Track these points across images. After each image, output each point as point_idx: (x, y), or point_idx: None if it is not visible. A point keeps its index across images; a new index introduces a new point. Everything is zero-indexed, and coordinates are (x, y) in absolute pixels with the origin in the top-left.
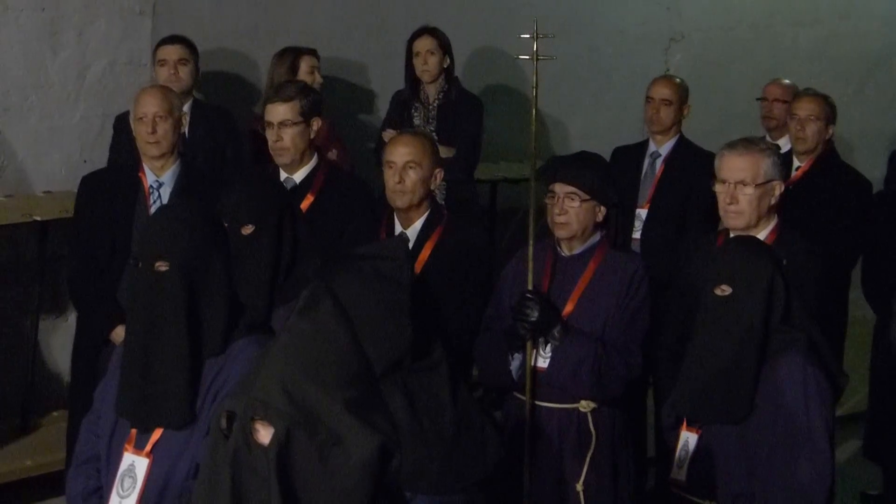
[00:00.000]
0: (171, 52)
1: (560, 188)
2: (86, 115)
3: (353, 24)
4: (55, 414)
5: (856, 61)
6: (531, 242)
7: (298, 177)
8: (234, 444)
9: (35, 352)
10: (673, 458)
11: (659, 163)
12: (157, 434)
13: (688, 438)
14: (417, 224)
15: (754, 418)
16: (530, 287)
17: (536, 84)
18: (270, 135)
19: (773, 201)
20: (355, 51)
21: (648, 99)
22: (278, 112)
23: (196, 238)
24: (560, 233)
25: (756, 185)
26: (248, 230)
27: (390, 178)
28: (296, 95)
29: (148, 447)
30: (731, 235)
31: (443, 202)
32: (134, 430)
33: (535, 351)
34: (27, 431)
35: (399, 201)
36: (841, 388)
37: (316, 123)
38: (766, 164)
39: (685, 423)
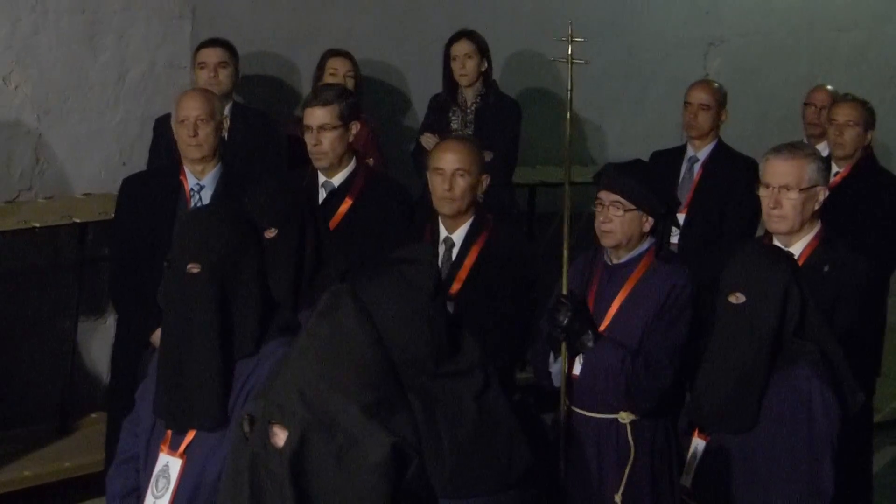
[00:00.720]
0: (211, 55)
1: (606, 196)
2: (125, 118)
3: (392, 27)
4: (93, 416)
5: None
6: (566, 247)
7: (337, 180)
8: (253, 448)
9: (74, 354)
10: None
11: (697, 167)
12: (190, 435)
13: (697, 445)
14: (463, 229)
15: (759, 429)
16: (564, 291)
17: (571, 87)
18: (309, 138)
19: (816, 206)
20: (393, 54)
21: (687, 103)
22: (317, 116)
23: (228, 241)
24: (605, 241)
25: (800, 190)
26: (270, 234)
27: (439, 185)
28: (335, 99)
29: (181, 448)
30: (774, 241)
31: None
32: (170, 431)
33: (570, 357)
34: (66, 433)
35: (447, 208)
36: (854, 405)
37: (354, 127)
38: (810, 170)
39: (697, 430)
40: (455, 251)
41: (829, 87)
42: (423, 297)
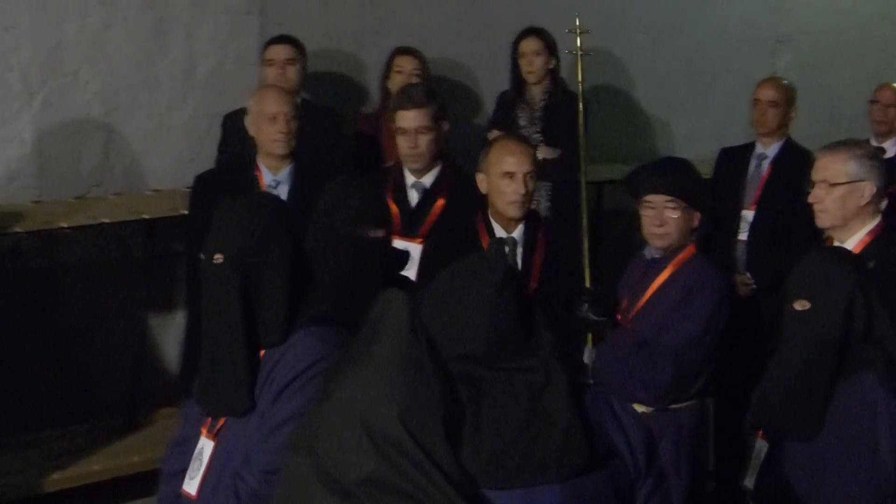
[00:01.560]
0: (279, 52)
1: (657, 199)
2: (193, 114)
3: (460, 24)
4: (163, 411)
5: None
6: (586, 241)
7: (427, 180)
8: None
9: (143, 349)
10: (747, 465)
11: (766, 165)
12: (223, 420)
13: (761, 448)
14: (520, 229)
15: (822, 437)
16: (587, 284)
17: (582, 80)
18: (406, 141)
19: (862, 202)
20: (461, 51)
21: (756, 101)
22: (413, 118)
23: (251, 231)
24: (658, 242)
25: (837, 185)
26: (376, 234)
27: (514, 189)
28: (427, 101)
29: (215, 431)
30: (835, 241)
31: (549, 203)
32: None
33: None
34: (135, 428)
35: (520, 212)
36: None
37: (444, 126)
38: (851, 165)
39: (760, 432)
40: (519, 251)
41: (894, 85)
42: (488, 289)
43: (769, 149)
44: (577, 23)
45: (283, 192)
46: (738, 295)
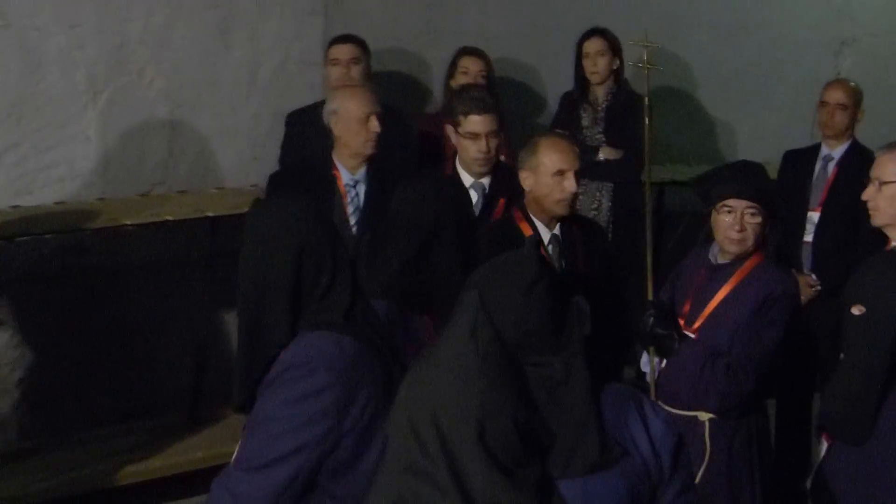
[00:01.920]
0: (344, 52)
1: (738, 203)
2: (257, 113)
3: (524, 24)
4: (224, 407)
5: None
6: (649, 252)
7: (486, 181)
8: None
9: (205, 346)
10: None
11: (832, 167)
12: None
13: (823, 448)
14: (557, 228)
15: (874, 442)
16: (650, 297)
17: (648, 93)
18: (478, 145)
19: None
20: (525, 51)
21: (823, 103)
22: (486, 123)
23: (257, 237)
24: (735, 248)
25: (889, 182)
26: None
27: (565, 187)
28: (494, 104)
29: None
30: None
31: (610, 204)
32: None
33: (659, 356)
34: (197, 424)
35: (569, 209)
36: None
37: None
38: None
39: (825, 434)
40: (558, 250)
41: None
42: (519, 288)
43: (835, 150)
44: (646, 36)
45: (361, 192)
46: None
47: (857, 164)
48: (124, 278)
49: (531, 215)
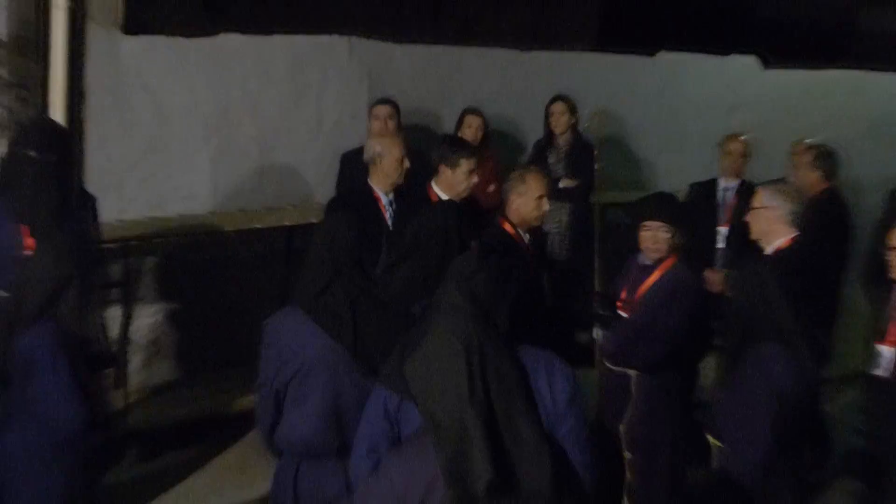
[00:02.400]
0: (382, 110)
1: (654, 223)
2: (321, 152)
3: (509, 91)
4: None
5: None
6: (597, 254)
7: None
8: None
9: None
10: None
11: (730, 195)
12: None
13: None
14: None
15: (733, 389)
16: (597, 288)
17: (598, 146)
18: (470, 180)
19: (773, 221)
20: (510, 110)
21: (727, 151)
22: (474, 164)
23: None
24: (653, 255)
25: (757, 209)
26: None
27: (544, 205)
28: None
29: None
30: None
31: (569, 219)
32: None
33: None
34: None
35: (541, 222)
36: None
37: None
38: (768, 194)
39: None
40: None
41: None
42: (466, 275)
43: (731, 183)
44: (596, 112)
45: (392, 209)
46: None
47: (748, 194)
48: (227, 268)
49: (514, 225)
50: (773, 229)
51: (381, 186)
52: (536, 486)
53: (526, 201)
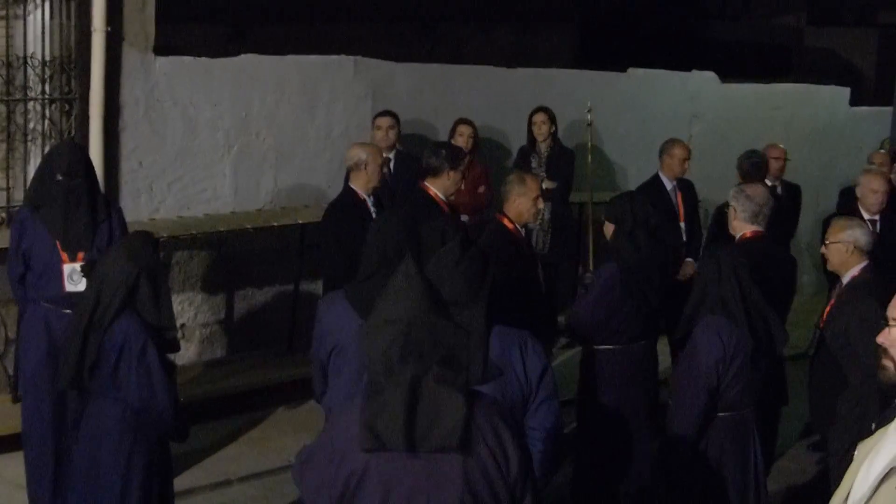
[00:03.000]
0: (384, 121)
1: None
2: (330, 159)
3: (497, 104)
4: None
5: None
6: (591, 243)
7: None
8: None
9: (296, 301)
10: None
11: (675, 193)
12: None
13: None
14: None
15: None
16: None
17: (589, 149)
18: (460, 182)
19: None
20: (498, 120)
21: (670, 154)
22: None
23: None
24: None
25: (729, 206)
26: None
27: (540, 205)
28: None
29: None
30: None
31: (549, 216)
32: None
33: None
34: (292, 351)
35: (535, 219)
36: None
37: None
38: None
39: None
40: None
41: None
42: (452, 259)
43: (671, 183)
44: (589, 107)
45: (374, 209)
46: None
47: (687, 189)
48: (247, 261)
49: (512, 221)
50: (846, 261)
51: (363, 189)
52: (444, 442)
53: (525, 200)
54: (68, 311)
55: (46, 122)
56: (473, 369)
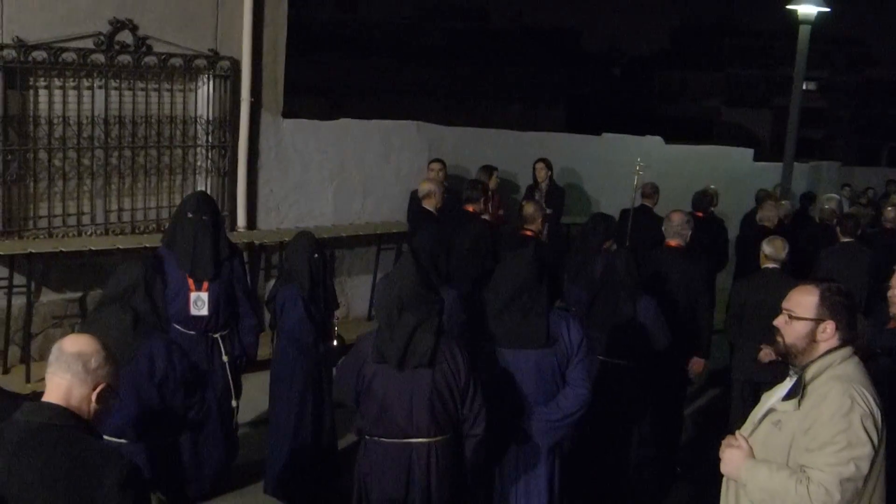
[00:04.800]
0: (436, 166)
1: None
2: (400, 190)
3: (512, 156)
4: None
5: None
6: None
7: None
8: None
9: (372, 290)
10: None
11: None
12: None
13: None
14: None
15: None
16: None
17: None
18: (487, 206)
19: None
20: (512, 167)
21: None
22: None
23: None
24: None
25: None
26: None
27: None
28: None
29: None
30: None
31: (547, 231)
32: None
33: None
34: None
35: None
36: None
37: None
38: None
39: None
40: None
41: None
42: (523, 261)
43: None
44: (638, 161)
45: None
46: None
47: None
48: (343, 260)
49: (533, 232)
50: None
51: (432, 208)
52: (419, 361)
53: (542, 220)
54: (192, 332)
55: (209, 161)
56: (537, 337)
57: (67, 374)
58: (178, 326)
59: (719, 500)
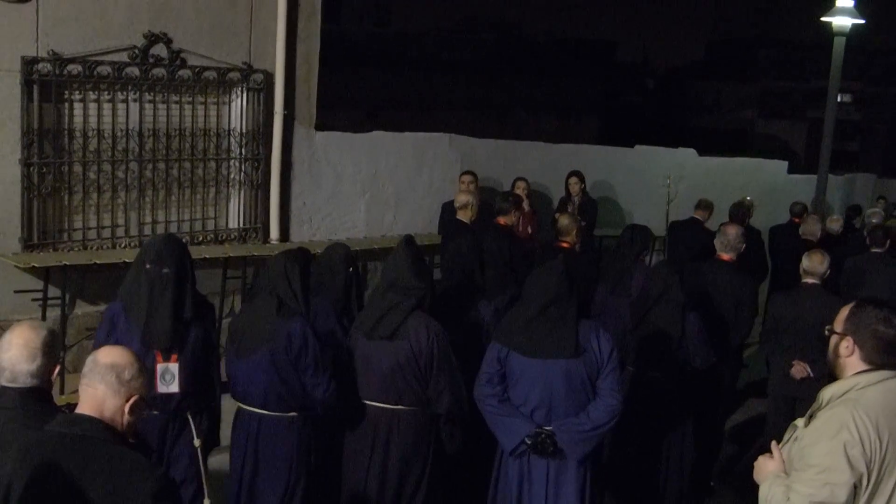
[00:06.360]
0: (467, 178)
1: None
2: (432, 202)
3: (544, 169)
4: None
5: None
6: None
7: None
8: None
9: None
10: None
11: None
12: None
13: None
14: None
15: None
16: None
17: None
18: (518, 218)
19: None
20: (545, 179)
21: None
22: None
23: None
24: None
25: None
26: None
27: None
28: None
29: None
30: None
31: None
32: None
33: None
34: None
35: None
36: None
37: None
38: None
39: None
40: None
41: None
42: (554, 269)
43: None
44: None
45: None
46: None
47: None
48: (372, 269)
49: (570, 244)
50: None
51: (467, 219)
52: (386, 333)
53: (577, 231)
54: (156, 412)
55: (242, 174)
56: (567, 347)
57: (101, 386)
58: None
59: None
